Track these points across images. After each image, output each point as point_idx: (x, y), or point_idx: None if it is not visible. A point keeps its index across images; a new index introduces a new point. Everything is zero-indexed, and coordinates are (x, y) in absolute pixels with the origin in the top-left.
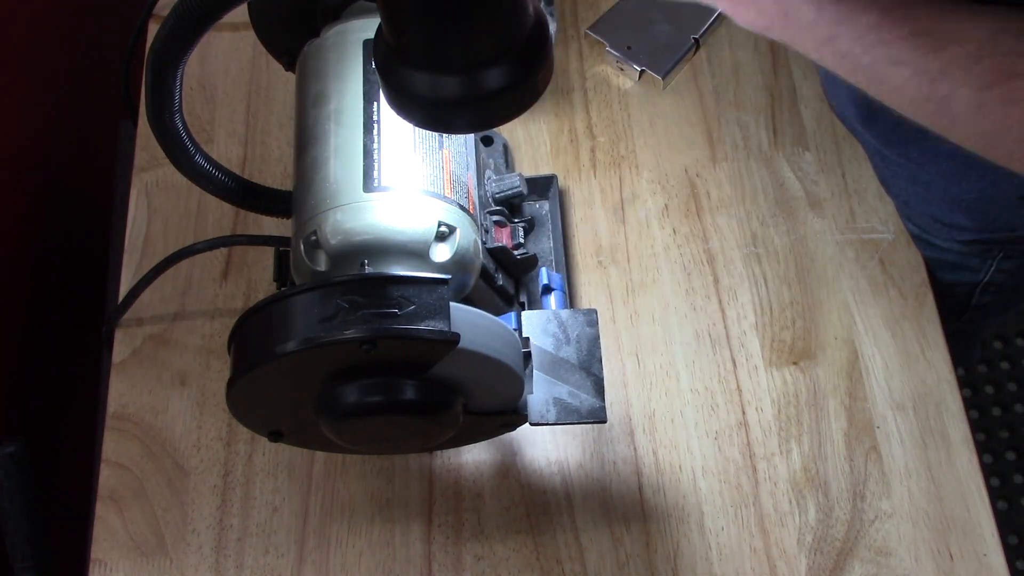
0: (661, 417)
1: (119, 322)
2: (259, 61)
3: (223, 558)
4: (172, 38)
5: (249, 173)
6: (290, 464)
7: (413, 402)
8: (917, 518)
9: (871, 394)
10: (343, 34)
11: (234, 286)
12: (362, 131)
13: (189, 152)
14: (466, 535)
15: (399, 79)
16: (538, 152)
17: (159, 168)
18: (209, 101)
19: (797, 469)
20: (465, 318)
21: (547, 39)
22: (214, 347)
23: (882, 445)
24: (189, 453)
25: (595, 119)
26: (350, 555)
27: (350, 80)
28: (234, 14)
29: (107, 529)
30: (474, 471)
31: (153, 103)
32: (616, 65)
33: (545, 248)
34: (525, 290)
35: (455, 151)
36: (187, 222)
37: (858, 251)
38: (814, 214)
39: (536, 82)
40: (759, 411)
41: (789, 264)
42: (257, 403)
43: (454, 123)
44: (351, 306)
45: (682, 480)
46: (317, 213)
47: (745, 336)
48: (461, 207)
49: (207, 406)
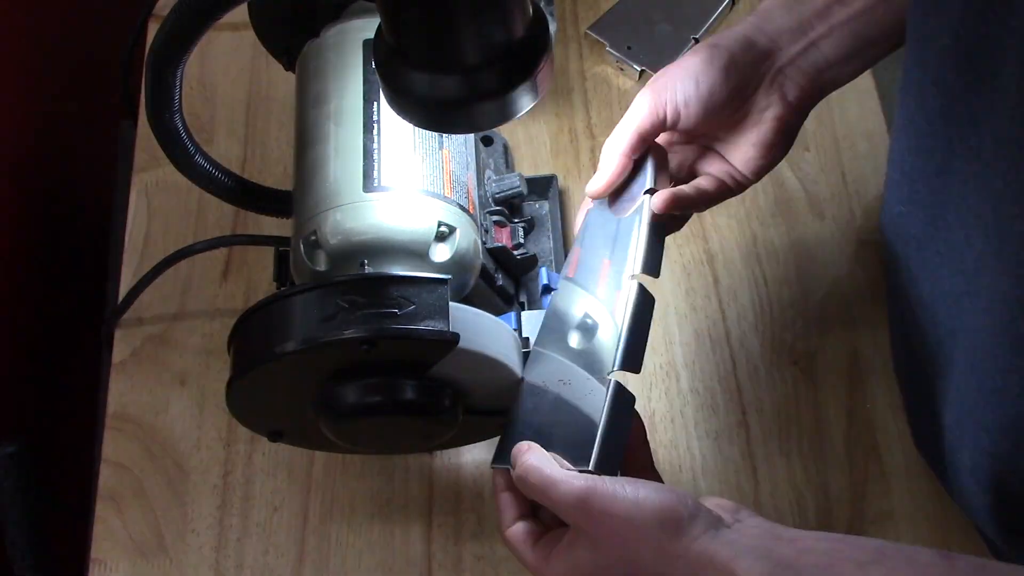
0: (661, 417)
1: (119, 322)
2: (259, 61)
3: (223, 558)
4: (172, 38)
5: (249, 173)
6: (290, 464)
7: (413, 402)
8: (917, 518)
9: (871, 394)
10: (343, 34)
11: (234, 286)
12: (362, 131)
13: (189, 152)
14: (466, 535)
15: (399, 79)
16: (538, 152)
17: (159, 168)
18: (209, 101)
19: (797, 469)
20: (465, 318)
21: (547, 39)
22: (214, 347)
23: (882, 445)
24: (189, 453)
25: (595, 119)
26: (350, 555)
27: (350, 80)
28: (234, 14)
29: (107, 529)
30: (474, 471)
31: (153, 103)
32: (616, 65)
33: (545, 248)
34: (525, 290)
35: (455, 151)
36: (187, 222)
37: (858, 251)
38: (814, 214)
39: (536, 82)
40: (759, 411)
41: (789, 264)
42: (257, 403)
43: (454, 123)
44: (351, 306)
45: (682, 480)
46: (317, 213)
47: (745, 336)
48: (461, 207)
49: (207, 406)
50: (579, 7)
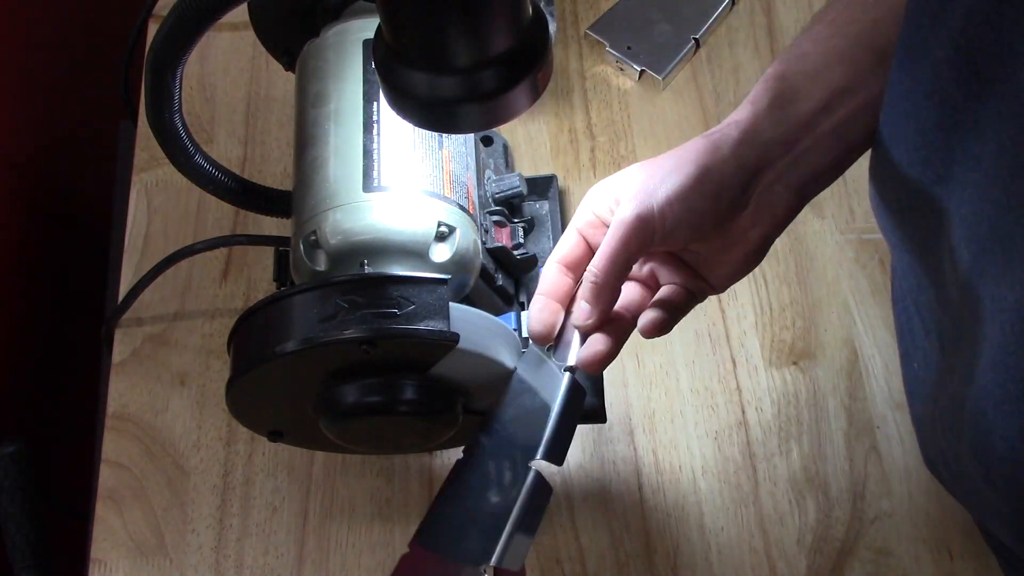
0: (661, 417)
1: (119, 322)
2: (259, 61)
3: (223, 558)
4: (172, 38)
5: (249, 173)
6: (290, 464)
7: (413, 402)
8: (917, 518)
9: (871, 394)
10: (343, 34)
11: (234, 286)
12: (362, 131)
13: (189, 152)
14: None
15: (398, 79)
16: (538, 152)
17: (159, 168)
18: (209, 101)
19: (797, 469)
20: (465, 318)
21: (547, 39)
22: (214, 347)
23: (882, 445)
24: (189, 453)
25: (595, 119)
26: (350, 555)
27: (350, 80)
28: (234, 14)
29: (107, 529)
30: None
31: (153, 103)
32: (616, 65)
33: (545, 248)
34: (525, 290)
35: (455, 151)
36: (187, 222)
37: (858, 251)
38: (814, 214)
39: (536, 82)
40: (759, 411)
41: (789, 264)
42: (257, 403)
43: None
44: (351, 306)
45: (682, 480)
46: (317, 213)
47: (745, 336)
48: (461, 207)
49: (207, 406)
50: (579, 7)
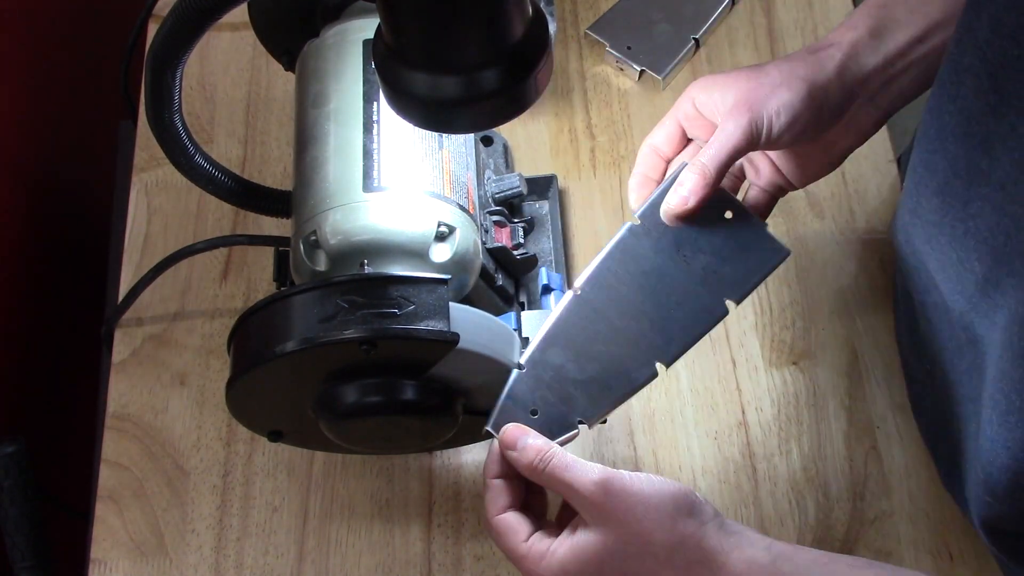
0: (661, 417)
1: (119, 322)
2: (259, 61)
3: (223, 558)
4: (172, 38)
5: (249, 173)
6: (290, 464)
7: (413, 402)
8: (917, 518)
9: (871, 394)
10: (343, 34)
11: (234, 286)
12: (362, 131)
13: (189, 152)
14: (466, 535)
15: (398, 79)
16: (538, 152)
17: (159, 168)
18: (209, 101)
19: (797, 469)
20: (464, 318)
21: (547, 39)
22: (214, 347)
23: (882, 445)
24: (189, 453)
25: (595, 119)
26: (350, 555)
27: (350, 80)
28: (234, 14)
29: (107, 529)
30: (474, 471)
31: (153, 103)
32: (616, 65)
33: (545, 248)
34: (525, 290)
35: (455, 151)
36: (187, 222)
37: (858, 251)
38: (814, 214)
39: (536, 82)
40: (759, 411)
41: (789, 264)
42: (257, 403)
43: (454, 123)
44: (351, 306)
45: (682, 480)
46: (317, 213)
47: (745, 336)
48: (461, 207)
49: (207, 406)
50: (579, 7)
